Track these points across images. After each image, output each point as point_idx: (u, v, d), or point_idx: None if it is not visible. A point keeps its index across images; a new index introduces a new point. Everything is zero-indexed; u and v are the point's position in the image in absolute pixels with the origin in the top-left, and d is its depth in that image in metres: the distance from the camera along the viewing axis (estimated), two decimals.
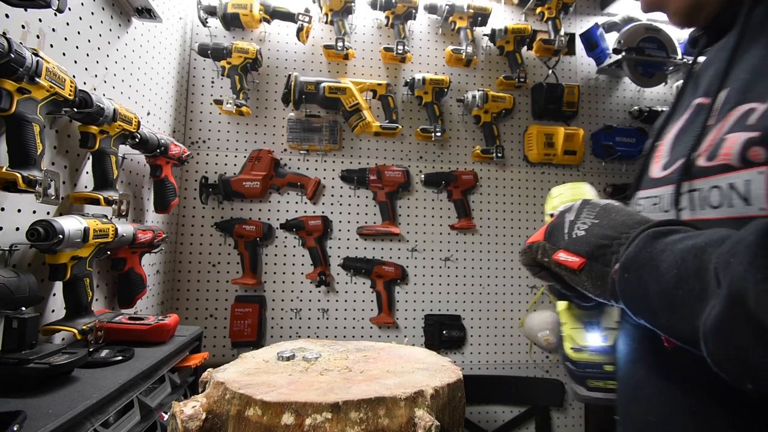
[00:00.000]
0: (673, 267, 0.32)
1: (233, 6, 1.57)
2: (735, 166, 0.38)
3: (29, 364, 0.64)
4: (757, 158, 0.35)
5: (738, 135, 0.37)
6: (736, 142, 0.37)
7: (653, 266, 0.34)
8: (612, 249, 0.39)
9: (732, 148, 0.37)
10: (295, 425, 0.47)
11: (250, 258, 1.60)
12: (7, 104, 0.68)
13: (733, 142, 0.38)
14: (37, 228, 0.74)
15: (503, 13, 1.92)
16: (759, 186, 0.35)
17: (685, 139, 0.47)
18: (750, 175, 0.36)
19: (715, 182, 0.40)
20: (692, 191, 0.43)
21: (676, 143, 0.49)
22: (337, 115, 1.72)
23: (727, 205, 0.39)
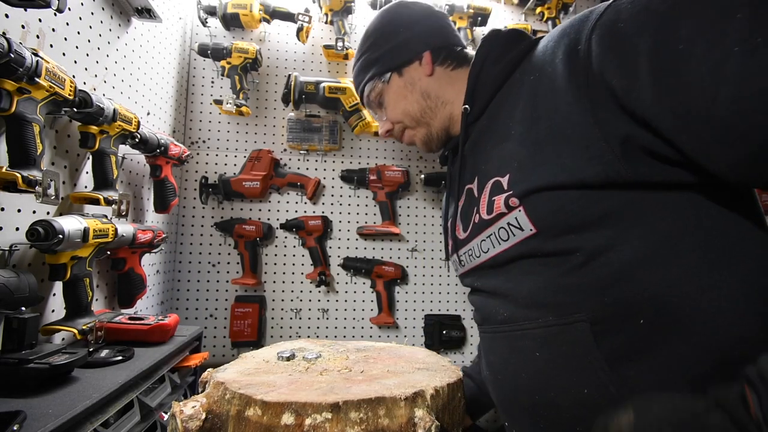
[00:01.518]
0: None
1: (233, 6, 1.57)
2: (505, 212, 0.60)
3: (29, 364, 0.64)
4: (514, 204, 0.58)
5: (501, 196, 0.60)
6: (502, 199, 0.60)
7: None
8: None
9: (500, 203, 0.60)
10: (295, 425, 0.47)
11: (250, 258, 1.60)
12: (6, 104, 0.68)
13: (500, 200, 0.60)
14: (37, 228, 0.74)
15: (503, 13, 1.92)
16: (523, 218, 0.57)
17: (469, 210, 0.71)
18: (516, 214, 0.58)
19: (500, 225, 0.61)
20: (490, 236, 0.64)
21: (464, 214, 0.73)
22: (337, 115, 1.72)
23: (511, 235, 0.60)
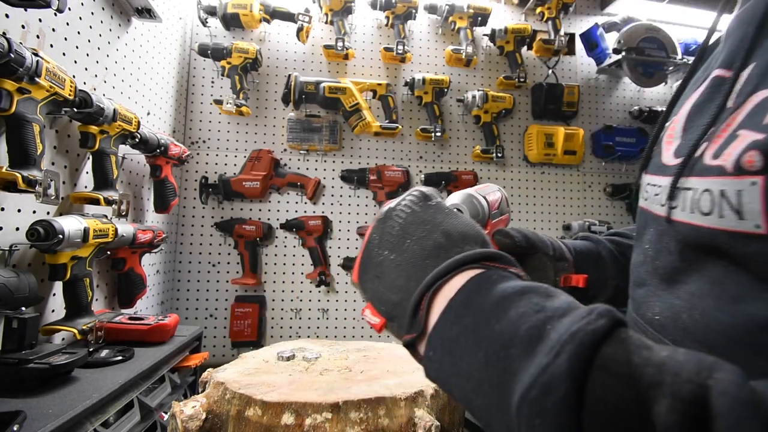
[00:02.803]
0: (476, 370, 0.27)
1: (233, 6, 1.57)
2: (728, 170, 0.31)
3: (29, 364, 0.64)
4: (750, 165, 0.29)
5: (749, 134, 0.30)
6: (742, 143, 0.30)
7: (456, 361, 0.28)
8: (403, 307, 0.32)
9: (735, 149, 0.30)
10: (295, 425, 0.47)
11: (250, 258, 1.60)
12: (7, 104, 0.68)
13: (740, 142, 0.30)
14: (37, 228, 0.74)
15: (503, 13, 1.92)
16: (752, 199, 0.29)
17: (698, 121, 0.38)
18: (742, 184, 0.29)
19: (708, 185, 0.33)
20: (687, 189, 0.35)
21: (689, 123, 0.40)
22: (337, 115, 1.72)
23: (717, 214, 0.32)
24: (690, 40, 1.93)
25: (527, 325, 0.25)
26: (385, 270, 0.34)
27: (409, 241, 0.34)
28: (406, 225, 0.35)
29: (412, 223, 0.35)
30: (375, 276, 0.35)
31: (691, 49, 1.92)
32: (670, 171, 0.39)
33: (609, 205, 1.95)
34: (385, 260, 0.35)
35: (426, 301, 0.31)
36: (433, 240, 0.34)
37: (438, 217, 0.36)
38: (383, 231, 0.36)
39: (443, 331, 0.29)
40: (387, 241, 0.36)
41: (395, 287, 0.33)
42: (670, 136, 0.42)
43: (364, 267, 0.37)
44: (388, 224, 0.36)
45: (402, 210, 0.36)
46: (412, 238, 0.34)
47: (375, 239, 0.37)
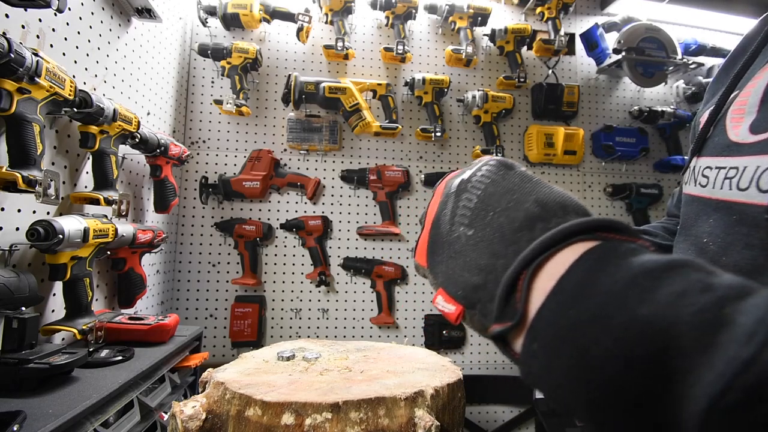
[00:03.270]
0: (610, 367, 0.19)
1: (233, 6, 1.57)
2: None
3: (29, 364, 0.64)
4: None
5: None
6: None
7: (573, 354, 0.21)
8: (488, 290, 0.26)
9: None
10: (295, 425, 0.47)
11: (250, 258, 1.60)
12: (7, 104, 0.68)
13: None
14: (37, 228, 0.74)
15: (503, 13, 1.92)
16: None
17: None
18: None
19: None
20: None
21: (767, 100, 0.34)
22: (337, 115, 1.72)
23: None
24: (690, 40, 1.93)
25: (693, 309, 0.18)
26: (463, 248, 0.29)
27: (493, 214, 0.28)
28: (486, 196, 0.29)
29: (494, 194, 0.29)
30: (449, 256, 0.30)
31: (691, 49, 1.92)
32: (750, 149, 0.33)
33: (609, 205, 1.95)
34: (461, 237, 0.29)
35: (524, 282, 0.24)
36: (524, 211, 0.27)
37: (526, 185, 0.29)
38: (456, 205, 0.31)
39: (553, 318, 0.22)
40: (463, 216, 0.30)
41: (476, 267, 0.27)
42: (739, 111, 0.36)
43: (434, 247, 0.31)
44: (462, 197, 0.30)
45: (480, 180, 0.30)
46: (495, 210, 0.28)
47: (445, 214, 0.31)
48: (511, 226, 0.27)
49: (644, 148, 1.91)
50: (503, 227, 0.27)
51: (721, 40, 1.99)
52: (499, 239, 0.27)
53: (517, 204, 0.27)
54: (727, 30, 2.01)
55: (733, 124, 0.36)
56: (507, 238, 0.26)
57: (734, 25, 1.94)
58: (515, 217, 0.27)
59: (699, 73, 2.03)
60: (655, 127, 1.98)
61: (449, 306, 0.29)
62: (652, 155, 1.97)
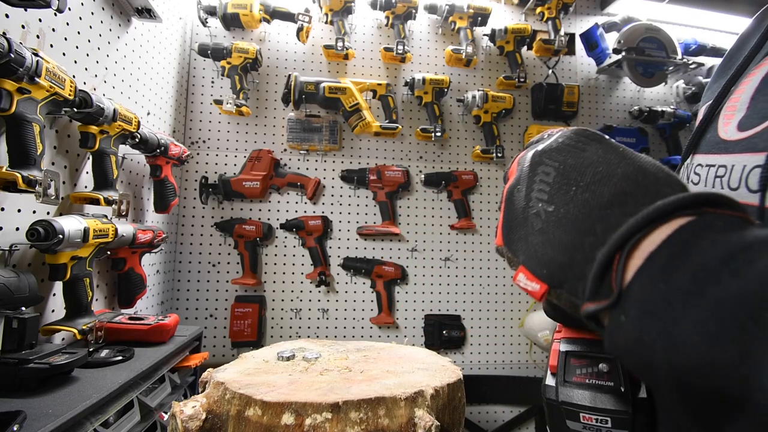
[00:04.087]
0: (706, 338, 0.18)
1: (233, 6, 1.57)
2: None
3: (29, 364, 0.64)
4: None
5: None
6: None
7: (668, 328, 0.20)
8: (575, 269, 0.25)
9: None
10: (295, 425, 0.47)
11: (250, 258, 1.60)
12: (7, 104, 0.68)
13: None
14: (37, 228, 0.74)
15: (503, 13, 1.92)
16: None
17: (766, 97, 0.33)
18: None
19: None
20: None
21: (759, 94, 0.34)
22: (337, 115, 1.72)
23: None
24: (690, 40, 1.93)
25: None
26: (545, 225, 0.27)
27: (576, 189, 0.27)
28: (566, 169, 0.28)
29: (575, 167, 0.27)
30: (529, 233, 0.28)
31: (691, 49, 1.92)
32: (738, 146, 0.33)
33: None
34: (541, 213, 0.28)
35: (619, 262, 0.23)
36: (612, 185, 0.26)
37: (610, 156, 0.27)
38: (532, 179, 0.29)
39: (643, 292, 0.21)
40: (541, 191, 0.28)
41: (561, 245, 0.26)
42: (732, 108, 0.36)
43: (510, 224, 0.30)
44: (539, 170, 0.29)
45: (557, 151, 0.29)
46: (578, 184, 0.27)
47: (521, 190, 0.30)
48: (599, 201, 0.25)
49: (644, 148, 1.91)
50: (589, 203, 0.26)
51: (721, 40, 1.99)
52: (585, 216, 0.26)
53: (604, 178, 0.26)
54: (727, 30, 2.01)
55: (725, 121, 0.36)
56: (594, 214, 0.25)
57: (734, 25, 1.94)
58: (602, 192, 0.25)
59: (699, 73, 2.03)
60: (655, 127, 1.98)
61: (533, 284, 0.28)
62: (652, 155, 1.97)
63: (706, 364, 0.18)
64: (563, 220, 0.26)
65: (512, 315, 1.81)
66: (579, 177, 0.27)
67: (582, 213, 0.26)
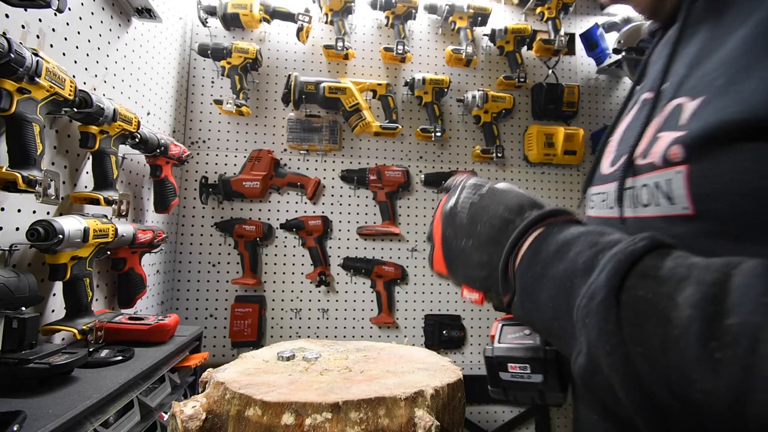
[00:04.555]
0: (549, 301, 0.33)
1: (233, 6, 1.57)
2: (657, 164, 0.37)
3: (29, 364, 0.64)
4: (674, 157, 0.35)
5: (669, 134, 0.37)
6: (665, 141, 0.37)
7: (534, 300, 0.34)
8: (493, 276, 0.39)
9: (660, 147, 0.37)
10: (295, 425, 0.47)
11: (250, 258, 1.60)
12: (7, 104, 0.68)
13: (663, 141, 0.37)
14: (37, 228, 0.74)
15: (503, 13, 1.92)
16: (679, 185, 0.35)
17: (629, 135, 0.46)
18: (670, 174, 0.36)
19: (644, 180, 0.39)
20: (629, 188, 0.42)
21: (623, 139, 0.48)
22: (337, 115, 1.72)
23: (654, 203, 0.38)
24: None
25: (583, 259, 0.31)
26: (469, 253, 0.41)
27: (480, 226, 0.41)
28: (472, 215, 0.42)
29: (476, 213, 0.42)
30: (462, 263, 0.42)
31: None
32: (609, 178, 0.48)
33: None
34: (466, 247, 0.41)
35: (511, 264, 0.37)
36: (498, 218, 0.40)
37: (495, 199, 0.42)
38: (455, 226, 0.43)
39: (521, 280, 0.36)
40: (462, 232, 0.42)
41: (481, 264, 0.40)
42: (609, 151, 0.51)
43: (449, 258, 0.44)
44: (457, 219, 0.43)
45: (464, 205, 0.43)
46: (482, 222, 0.41)
47: (450, 234, 0.44)
48: (493, 231, 0.40)
49: None
50: (490, 234, 0.40)
51: None
52: (488, 242, 0.40)
53: (493, 215, 0.40)
54: None
55: (605, 161, 0.51)
56: (493, 239, 0.39)
57: None
58: (494, 224, 0.40)
59: None
60: None
61: (473, 295, 0.42)
62: None
63: (556, 315, 0.32)
64: (480, 247, 0.40)
65: None
66: (479, 217, 0.41)
67: (487, 240, 0.40)
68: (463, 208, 0.43)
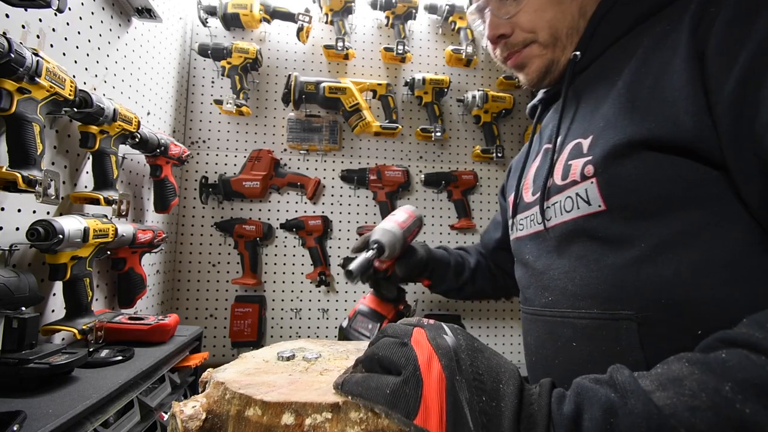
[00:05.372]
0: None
1: (233, 6, 1.57)
2: (578, 180, 0.53)
3: (29, 364, 0.64)
4: (589, 173, 0.52)
5: (579, 161, 0.53)
6: (579, 165, 0.53)
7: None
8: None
9: (577, 169, 0.53)
10: (295, 425, 0.47)
11: (250, 258, 1.60)
12: (7, 104, 0.68)
13: (577, 166, 0.53)
14: (37, 228, 0.74)
15: None
16: (593, 191, 0.51)
17: (542, 172, 0.63)
18: (587, 185, 0.52)
19: (567, 194, 0.55)
20: (554, 204, 0.58)
21: (537, 176, 0.66)
22: (337, 115, 1.72)
23: (576, 208, 0.54)
24: None
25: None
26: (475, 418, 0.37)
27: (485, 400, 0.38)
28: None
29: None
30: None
31: None
32: (533, 203, 0.64)
33: None
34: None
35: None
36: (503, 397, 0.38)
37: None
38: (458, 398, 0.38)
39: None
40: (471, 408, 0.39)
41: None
42: (527, 188, 0.69)
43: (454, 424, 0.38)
44: (461, 398, 0.38)
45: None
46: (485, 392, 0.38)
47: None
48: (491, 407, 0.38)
49: None
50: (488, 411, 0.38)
51: None
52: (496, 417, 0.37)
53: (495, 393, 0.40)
54: None
55: (525, 195, 0.69)
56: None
57: None
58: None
59: None
60: None
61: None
62: None
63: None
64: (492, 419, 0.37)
65: (512, 315, 1.81)
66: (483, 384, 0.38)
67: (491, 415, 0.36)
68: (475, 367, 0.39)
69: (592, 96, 0.58)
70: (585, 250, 0.53)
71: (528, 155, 0.74)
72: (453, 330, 0.42)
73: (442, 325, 0.43)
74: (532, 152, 0.73)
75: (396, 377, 0.39)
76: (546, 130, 0.70)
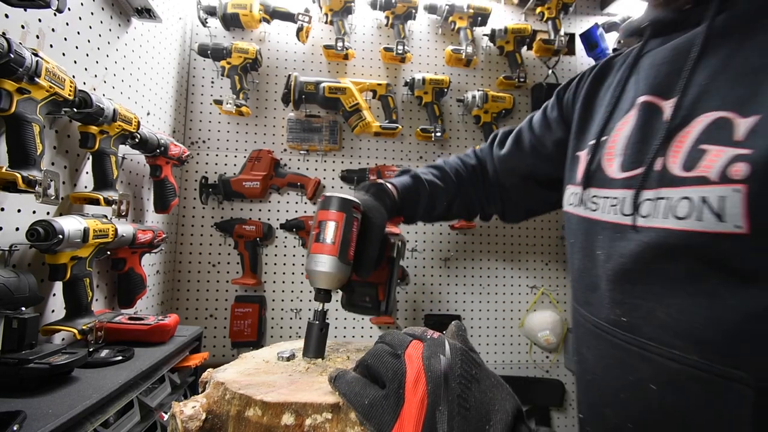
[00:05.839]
0: None
1: (233, 6, 1.57)
2: (712, 179, 0.36)
3: (29, 364, 0.64)
4: (737, 174, 0.34)
5: (723, 149, 0.36)
6: (722, 156, 0.36)
7: None
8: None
9: (716, 161, 0.36)
10: (295, 425, 0.47)
11: (250, 258, 1.60)
12: (6, 104, 0.68)
13: (717, 156, 0.36)
14: (36, 228, 0.74)
15: (503, 13, 1.92)
16: (734, 204, 0.34)
17: (644, 142, 0.45)
18: (725, 191, 0.35)
19: (686, 193, 0.38)
20: (659, 199, 0.41)
21: (631, 143, 0.47)
22: (337, 115, 1.72)
23: (695, 218, 0.37)
24: None
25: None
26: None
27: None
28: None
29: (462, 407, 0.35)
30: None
31: None
32: (623, 183, 0.46)
33: None
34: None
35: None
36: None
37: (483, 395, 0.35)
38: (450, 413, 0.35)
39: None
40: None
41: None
42: (610, 154, 0.50)
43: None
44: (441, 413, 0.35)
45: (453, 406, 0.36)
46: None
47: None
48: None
49: None
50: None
51: None
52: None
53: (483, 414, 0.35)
54: None
55: (608, 164, 0.49)
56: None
57: None
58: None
59: None
60: None
61: None
62: None
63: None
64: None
65: (512, 315, 1.81)
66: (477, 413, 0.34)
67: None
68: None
69: (763, 44, 0.37)
70: (698, 279, 0.38)
71: (617, 102, 0.52)
72: (453, 350, 0.36)
73: (445, 342, 0.37)
74: (623, 100, 0.51)
75: (380, 389, 0.37)
76: (651, 71, 0.48)
